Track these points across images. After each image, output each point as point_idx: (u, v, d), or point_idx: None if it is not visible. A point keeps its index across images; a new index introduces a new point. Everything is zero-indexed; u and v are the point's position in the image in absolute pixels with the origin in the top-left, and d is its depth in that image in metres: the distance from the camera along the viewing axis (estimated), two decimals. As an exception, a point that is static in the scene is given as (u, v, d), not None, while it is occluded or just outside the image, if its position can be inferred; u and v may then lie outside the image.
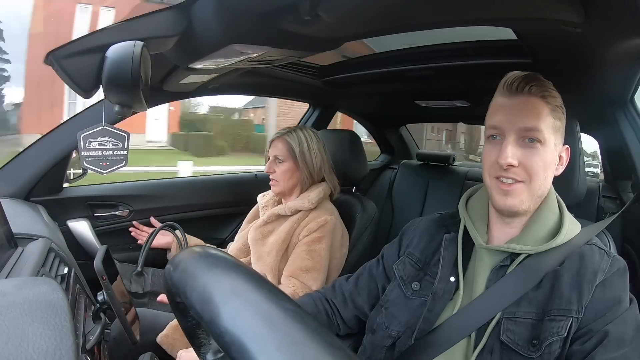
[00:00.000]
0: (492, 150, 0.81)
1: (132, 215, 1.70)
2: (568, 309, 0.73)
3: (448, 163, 2.38)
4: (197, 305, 0.31)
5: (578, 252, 0.79)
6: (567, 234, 0.81)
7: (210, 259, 0.34)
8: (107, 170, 0.86)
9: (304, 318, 0.28)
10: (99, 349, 0.77)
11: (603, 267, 0.76)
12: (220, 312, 0.28)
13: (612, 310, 0.72)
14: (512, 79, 0.81)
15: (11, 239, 0.89)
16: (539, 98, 0.79)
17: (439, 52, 1.38)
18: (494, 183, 0.81)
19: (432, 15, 0.81)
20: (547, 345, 0.71)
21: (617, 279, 0.76)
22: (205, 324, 0.29)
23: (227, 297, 0.29)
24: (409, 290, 0.90)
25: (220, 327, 0.28)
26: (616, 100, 1.29)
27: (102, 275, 0.76)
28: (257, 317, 0.27)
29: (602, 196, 1.66)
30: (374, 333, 0.92)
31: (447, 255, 0.88)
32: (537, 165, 0.78)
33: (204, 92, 1.60)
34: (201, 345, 0.43)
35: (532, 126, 0.77)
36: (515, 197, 0.79)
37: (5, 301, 0.40)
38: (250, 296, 0.29)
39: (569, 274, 0.76)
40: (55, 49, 0.76)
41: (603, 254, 0.79)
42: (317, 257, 1.30)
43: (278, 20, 0.84)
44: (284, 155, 1.41)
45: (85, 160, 0.85)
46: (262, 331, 0.26)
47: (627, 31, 0.75)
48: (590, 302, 0.72)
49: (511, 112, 0.79)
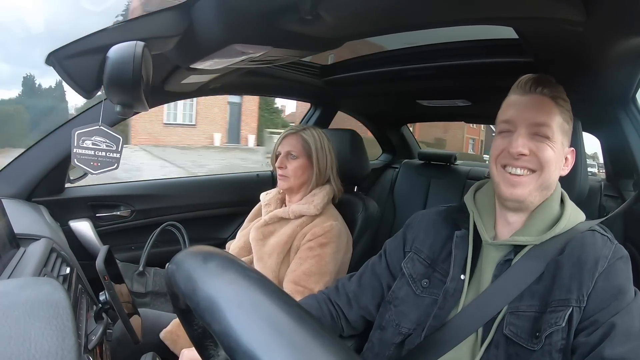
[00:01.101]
0: (502, 142, 0.83)
1: (134, 215, 1.71)
2: (567, 298, 0.73)
3: (450, 162, 2.37)
4: (206, 315, 0.30)
5: (579, 238, 0.79)
6: (569, 221, 0.82)
7: (217, 263, 0.34)
8: (98, 171, 0.85)
9: (320, 330, 0.27)
10: (101, 349, 0.77)
11: (605, 253, 0.75)
12: (232, 323, 0.27)
13: (618, 300, 0.71)
14: (526, 80, 0.84)
15: (13, 240, 0.90)
16: (550, 98, 0.82)
17: (441, 52, 1.37)
18: (500, 173, 0.83)
19: (433, 14, 0.81)
20: (547, 336, 0.71)
21: (622, 266, 0.75)
22: (216, 334, 0.28)
23: (238, 307, 0.28)
24: (418, 288, 0.90)
25: (231, 339, 0.27)
26: (618, 98, 1.28)
27: (104, 275, 0.76)
28: (271, 328, 0.26)
29: (604, 195, 1.66)
30: (383, 330, 0.92)
31: (458, 254, 0.88)
32: (548, 155, 0.79)
33: (205, 92, 1.60)
34: (210, 357, 0.42)
35: (542, 121, 0.79)
36: (524, 188, 0.80)
37: (7, 301, 0.40)
38: (263, 306, 0.28)
39: (570, 263, 0.76)
40: (57, 50, 0.76)
41: (606, 240, 0.79)
42: (322, 261, 1.27)
43: (279, 20, 0.84)
44: (298, 151, 1.38)
45: (77, 158, 0.84)
46: (276, 344, 0.25)
47: (629, 30, 0.75)
48: (594, 291, 0.72)
49: (523, 108, 0.82)
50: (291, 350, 0.25)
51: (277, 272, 1.30)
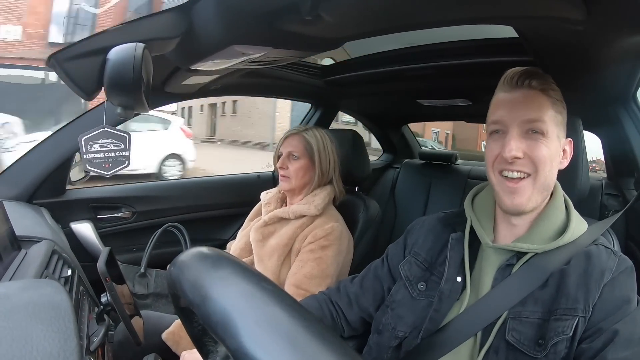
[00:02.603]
0: (495, 145, 0.81)
1: (135, 216, 1.71)
2: (574, 307, 0.72)
3: (450, 162, 2.37)
4: (210, 318, 0.29)
5: (585, 251, 0.78)
6: (573, 233, 0.80)
7: (220, 265, 0.33)
8: (110, 172, 0.86)
9: (325, 334, 0.27)
10: (102, 350, 0.77)
11: (610, 266, 0.75)
12: (236, 326, 0.27)
13: (622, 310, 0.71)
14: (512, 74, 0.81)
15: (15, 242, 0.90)
16: (539, 91, 0.79)
17: (441, 51, 1.37)
18: (499, 181, 0.81)
19: (433, 14, 0.81)
20: (553, 345, 0.71)
21: (626, 278, 0.75)
22: (220, 338, 0.28)
23: (243, 312, 0.28)
24: (415, 290, 0.90)
25: (235, 342, 0.27)
26: (618, 97, 1.28)
27: (106, 277, 0.76)
28: (276, 332, 0.26)
29: (605, 193, 1.66)
30: (380, 333, 0.91)
31: (453, 255, 0.87)
32: (542, 155, 0.77)
33: (205, 93, 1.60)
34: (209, 353, 0.42)
35: (534, 117, 0.77)
36: (522, 194, 0.79)
37: (9, 303, 0.40)
38: (268, 309, 0.28)
39: (576, 274, 0.75)
40: (57, 52, 0.76)
41: (610, 253, 0.78)
42: (323, 264, 1.26)
43: (279, 21, 0.84)
44: (300, 152, 1.38)
45: (88, 163, 0.85)
46: (282, 349, 0.25)
47: (629, 28, 0.75)
48: (599, 302, 0.72)
49: (513, 105, 0.79)
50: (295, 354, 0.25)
51: (278, 274, 1.30)
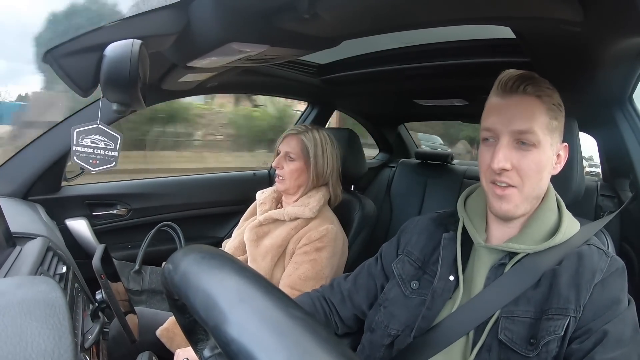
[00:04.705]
0: (487, 154, 0.81)
1: (130, 214, 1.70)
2: (566, 307, 0.73)
3: (446, 162, 2.38)
4: (201, 311, 0.30)
5: (577, 251, 0.79)
6: (565, 233, 0.81)
7: (214, 261, 0.34)
8: (97, 169, 0.86)
9: (315, 327, 0.27)
10: (97, 347, 0.77)
11: (602, 266, 0.76)
12: (227, 319, 0.28)
13: (612, 310, 0.72)
14: (507, 78, 0.80)
15: (9, 238, 0.89)
16: (534, 97, 0.78)
17: (438, 51, 1.37)
18: (489, 187, 0.82)
19: (430, 13, 0.81)
20: (545, 344, 0.72)
21: (616, 279, 0.76)
22: (211, 330, 0.29)
23: (233, 304, 0.29)
24: (407, 289, 0.90)
25: (226, 335, 0.27)
26: (614, 99, 1.29)
27: (101, 274, 0.76)
28: (266, 325, 0.26)
29: (600, 195, 1.67)
30: (372, 332, 0.92)
31: (446, 254, 0.88)
32: (529, 168, 0.77)
33: (202, 91, 1.60)
34: (198, 341, 0.43)
35: (525, 128, 0.76)
36: (509, 202, 0.79)
37: (3, 300, 0.40)
38: (258, 303, 0.28)
39: (568, 274, 0.76)
40: (53, 48, 0.75)
41: (602, 253, 0.79)
42: (318, 266, 1.27)
43: (276, 19, 0.84)
44: (296, 153, 1.38)
45: (76, 156, 0.84)
46: (271, 341, 0.25)
47: (626, 30, 0.75)
48: (589, 302, 0.72)
49: (505, 113, 0.78)
50: (284, 346, 0.25)
51: (271, 275, 1.30)
